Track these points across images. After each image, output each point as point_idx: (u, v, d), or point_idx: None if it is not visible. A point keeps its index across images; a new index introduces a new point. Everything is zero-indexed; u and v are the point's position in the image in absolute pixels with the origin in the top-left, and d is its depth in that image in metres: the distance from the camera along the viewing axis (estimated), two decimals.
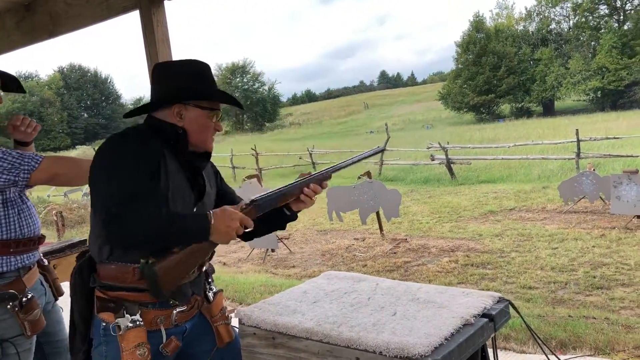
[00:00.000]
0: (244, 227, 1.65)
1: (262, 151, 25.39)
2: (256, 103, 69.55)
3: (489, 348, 1.87)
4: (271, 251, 8.74)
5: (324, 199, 9.71)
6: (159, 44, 2.87)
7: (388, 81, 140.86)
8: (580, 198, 9.59)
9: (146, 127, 1.74)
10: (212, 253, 1.86)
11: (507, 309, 1.87)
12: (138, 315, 1.67)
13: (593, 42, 48.96)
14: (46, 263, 2.44)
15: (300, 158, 23.18)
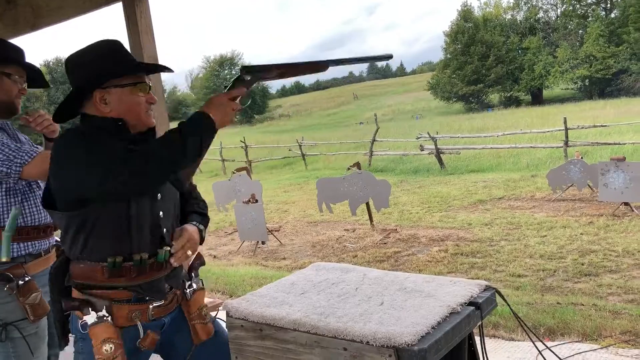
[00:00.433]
0: (239, 101, 1.68)
1: (252, 143, 25.31)
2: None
3: (476, 336, 1.88)
4: (261, 243, 8.73)
5: (314, 190, 9.71)
6: (142, 35, 2.84)
7: (377, 72, 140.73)
8: (569, 186, 9.66)
9: (87, 127, 1.69)
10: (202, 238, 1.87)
11: (494, 297, 1.88)
12: (104, 311, 1.65)
13: (580, 31, 49.18)
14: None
15: (290, 150, 23.11)
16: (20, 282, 2.16)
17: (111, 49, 1.68)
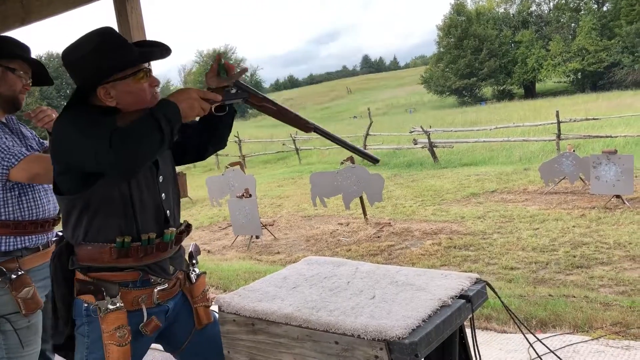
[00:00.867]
0: (210, 102, 1.68)
1: (245, 138, 25.25)
2: None
3: (467, 328, 1.90)
4: (255, 238, 8.73)
5: (308, 185, 9.71)
6: (133, 30, 2.83)
7: (371, 66, 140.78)
8: (561, 179, 9.70)
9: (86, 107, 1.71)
10: (189, 229, 1.90)
11: (485, 289, 1.89)
12: (118, 297, 1.67)
13: (573, 24, 49.30)
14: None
15: (284, 144, 23.09)
16: (13, 276, 2.16)
17: (103, 41, 1.64)
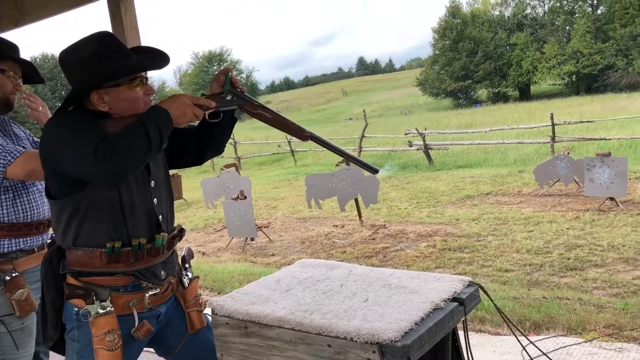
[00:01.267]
0: (204, 109, 1.69)
1: (241, 139, 25.23)
2: None
3: (459, 331, 1.90)
4: (250, 240, 8.72)
5: (303, 186, 9.70)
6: (127, 32, 2.83)
7: (366, 68, 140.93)
8: (555, 181, 9.73)
9: (77, 111, 1.70)
10: (182, 234, 1.89)
11: (477, 292, 1.90)
12: (108, 302, 1.66)
13: (568, 27, 49.48)
14: None
15: (279, 146, 23.07)
16: (7, 277, 2.16)
17: (101, 46, 1.62)
